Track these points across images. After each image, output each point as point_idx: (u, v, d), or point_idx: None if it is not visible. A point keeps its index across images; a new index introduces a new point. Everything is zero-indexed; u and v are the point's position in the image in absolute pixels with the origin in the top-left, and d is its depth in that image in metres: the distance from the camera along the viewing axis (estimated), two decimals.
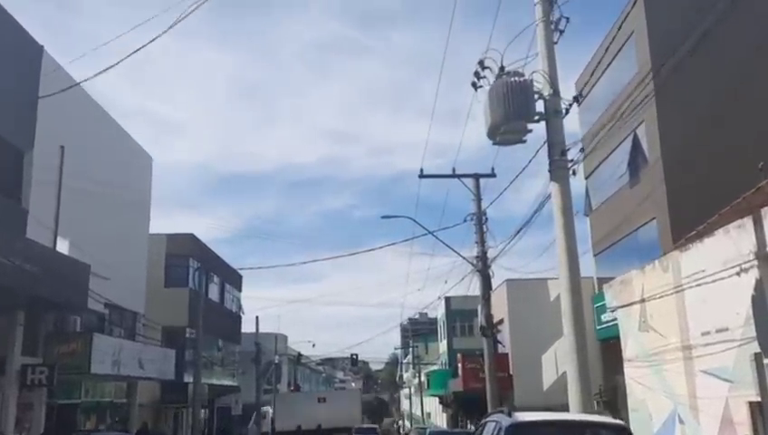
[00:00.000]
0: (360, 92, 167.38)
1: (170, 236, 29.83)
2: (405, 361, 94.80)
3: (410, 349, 75.74)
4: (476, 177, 19.49)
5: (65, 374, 17.50)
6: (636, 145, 21.76)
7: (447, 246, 19.07)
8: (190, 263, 28.88)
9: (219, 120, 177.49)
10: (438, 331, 58.58)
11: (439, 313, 56.34)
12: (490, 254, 19.01)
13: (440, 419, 56.37)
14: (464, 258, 19.33)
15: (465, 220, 19.34)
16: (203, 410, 34.98)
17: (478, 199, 19.28)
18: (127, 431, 21.89)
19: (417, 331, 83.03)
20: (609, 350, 26.42)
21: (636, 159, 21.93)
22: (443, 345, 55.41)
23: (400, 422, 38.22)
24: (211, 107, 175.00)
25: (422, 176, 19.44)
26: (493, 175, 19.57)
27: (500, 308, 28.28)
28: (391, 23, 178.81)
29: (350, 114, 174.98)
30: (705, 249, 11.28)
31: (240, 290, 40.75)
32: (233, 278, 38.98)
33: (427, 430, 15.74)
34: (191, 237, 30.46)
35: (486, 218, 18.81)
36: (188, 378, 31.10)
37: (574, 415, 6.90)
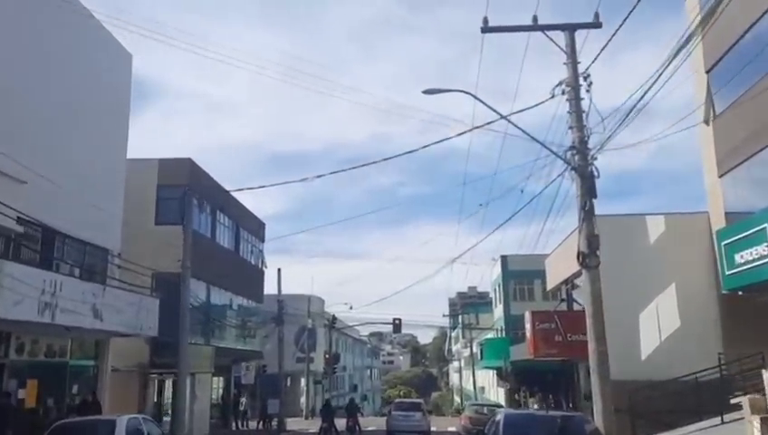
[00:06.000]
0: (407, 70, 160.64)
1: (163, 162, 23.98)
2: (453, 334, 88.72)
3: (459, 317, 69.38)
4: (570, 28, 12.71)
5: None
6: None
7: (525, 133, 12.44)
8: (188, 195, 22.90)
9: (270, 101, 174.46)
10: (494, 294, 51.93)
11: (494, 274, 49.66)
12: (593, 143, 12.31)
13: (494, 393, 50.01)
14: (552, 151, 12.67)
15: (552, 95, 12.62)
16: (214, 379, 29.54)
17: (573, 61, 12.52)
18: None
19: (467, 304, 76.61)
20: (740, 304, 19.43)
21: None
22: (498, 311, 48.79)
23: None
24: (262, 88, 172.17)
25: (486, 29, 12.80)
26: (596, 24, 12.77)
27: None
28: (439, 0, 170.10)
29: (398, 92, 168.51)
30: None
31: (263, 241, 34.92)
32: (252, 225, 33.12)
33: (501, 413, 9.38)
34: (189, 163, 24.45)
35: (591, 83, 12.02)
36: (194, 338, 25.57)
37: None
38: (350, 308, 43.17)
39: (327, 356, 47.30)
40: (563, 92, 12.52)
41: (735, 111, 18.06)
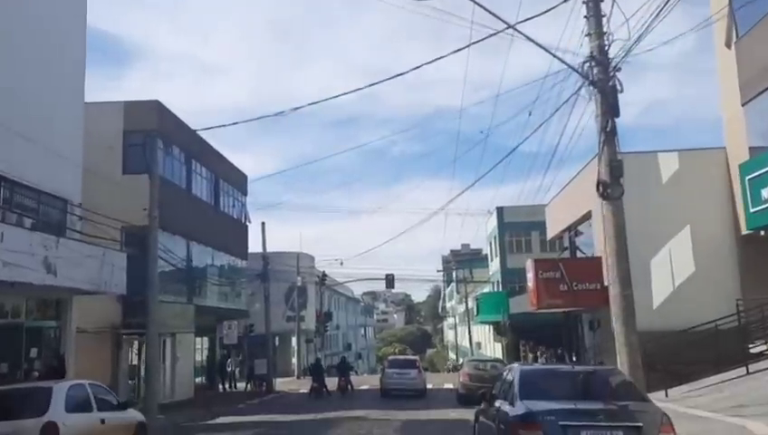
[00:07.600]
0: (396, 27, 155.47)
1: (129, 105, 21.87)
2: (448, 291, 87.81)
3: (453, 273, 68.16)
4: None
5: None
6: None
7: (534, 42, 10.52)
8: (158, 142, 20.89)
9: (258, 61, 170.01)
10: (490, 248, 50.46)
11: (489, 228, 48.12)
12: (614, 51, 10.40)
13: (491, 349, 48.98)
14: (566, 63, 10.76)
15: None
16: (198, 340, 27.99)
17: None
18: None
19: (460, 260, 75.36)
20: (761, 245, 17.88)
21: None
22: (494, 264, 47.39)
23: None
24: (249, 48, 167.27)
25: None
26: None
27: (586, 196, 19.39)
28: None
29: (387, 50, 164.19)
30: None
31: (245, 194, 33.01)
32: (233, 177, 31.15)
33: (515, 369, 7.64)
34: (157, 105, 22.27)
35: None
36: (173, 296, 23.98)
37: None
38: (341, 264, 41.61)
39: (318, 315, 45.91)
40: None
41: (762, 31, 16.14)
